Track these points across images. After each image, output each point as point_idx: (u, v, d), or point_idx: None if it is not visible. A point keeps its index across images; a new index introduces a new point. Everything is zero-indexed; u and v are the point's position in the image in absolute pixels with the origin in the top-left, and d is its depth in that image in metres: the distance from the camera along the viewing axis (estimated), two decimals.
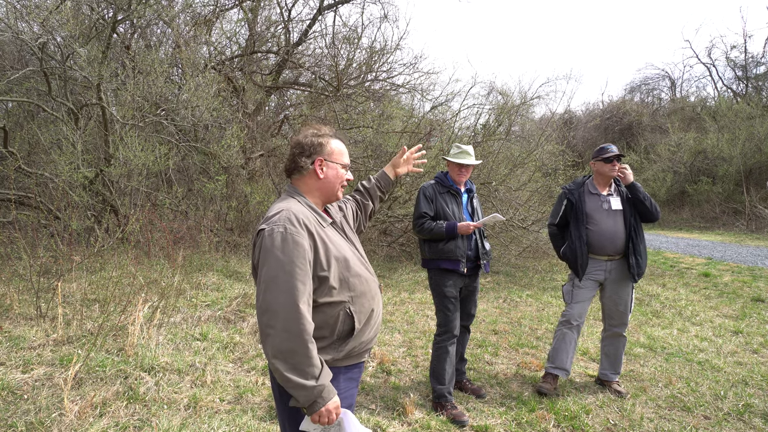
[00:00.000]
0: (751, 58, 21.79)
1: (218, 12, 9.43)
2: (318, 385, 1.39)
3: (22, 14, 5.78)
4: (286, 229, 1.46)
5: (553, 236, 3.68)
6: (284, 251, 1.44)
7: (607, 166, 3.47)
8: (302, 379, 1.38)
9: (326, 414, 1.41)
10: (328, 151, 1.67)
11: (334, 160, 1.68)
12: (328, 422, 1.43)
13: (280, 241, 1.45)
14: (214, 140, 7.73)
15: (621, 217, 3.47)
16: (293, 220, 1.49)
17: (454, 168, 3.30)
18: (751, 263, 8.90)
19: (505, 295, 6.46)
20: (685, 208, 18.66)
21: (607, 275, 3.49)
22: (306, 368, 1.39)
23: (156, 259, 5.79)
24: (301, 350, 1.39)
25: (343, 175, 1.71)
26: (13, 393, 2.86)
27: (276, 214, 1.52)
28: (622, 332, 3.54)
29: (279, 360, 1.39)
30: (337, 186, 1.69)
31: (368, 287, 1.64)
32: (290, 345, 1.39)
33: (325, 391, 1.41)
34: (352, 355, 1.60)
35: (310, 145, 1.65)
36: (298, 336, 1.39)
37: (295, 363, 1.39)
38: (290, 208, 1.54)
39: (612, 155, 3.43)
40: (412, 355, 4.12)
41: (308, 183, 1.68)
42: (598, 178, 3.58)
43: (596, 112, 26.87)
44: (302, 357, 1.39)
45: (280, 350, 1.39)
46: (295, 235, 1.46)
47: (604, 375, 3.58)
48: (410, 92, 10.77)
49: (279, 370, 1.39)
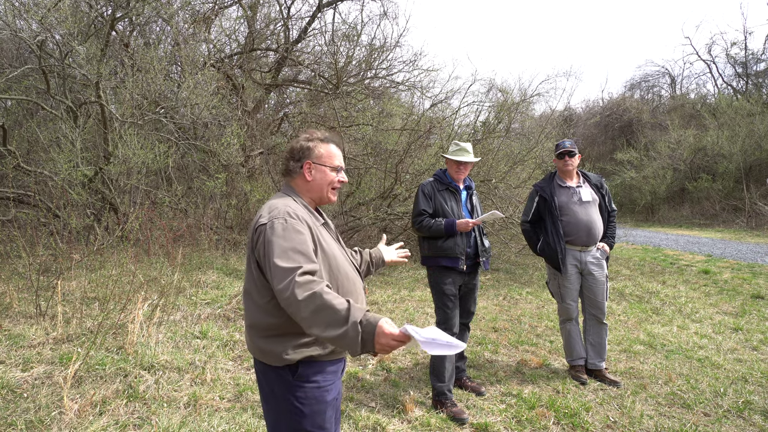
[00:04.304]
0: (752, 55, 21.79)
1: (217, 9, 9.40)
2: (350, 326, 1.32)
3: (21, 12, 5.75)
4: (286, 221, 1.53)
5: (527, 233, 3.82)
6: (286, 238, 1.48)
7: (560, 162, 3.70)
8: (336, 330, 1.33)
9: (385, 342, 1.31)
10: (316, 155, 1.73)
11: (323, 162, 1.74)
12: (393, 347, 1.32)
13: (282, 230, 1.50)
14: (213, 138, 7.71)
15: (594, 208, 3.64)
16: (291, 213, 1.56)
17: (452, 165, 3.29)
18: (750, 260, 8.90)
19: (505, 293, 6.46)
20: (685, 205, 18.66)
21: (583, 266, 3.63)
22: (335, 318, 1.34)
23: (156, 257, 5.79)
24: (321, 306, 1.35)
25: (334, 177, 1.76)
26: (13, 391, 2.86)
27: (274, 209, 1.58)
28: (603, 320, 3.68)
29: (314, 328, 1.36)
30: (326, 188, 1.75)
31: (355, 288, 1.69)
32: (311, 308, 1.36)
33: (363, 326, 1.32)
34: (336, 350, 1.64)
35: (299, 150, 1.74)
36: (312, 297, 1.36)
37: (326, 321, 1.35)
38: (286, 203, 1.61)
39: (562, 151, 3.64)
40: (411, 352, 4.12)
41: (299, 185, 1.75)
42: (560, 172, 3.77)
43: (596, 109, 26.86)
44: (326, 312, 1.35)
45: (307, 321, 1.37)
46: (296, 225, 1.53)
47: (592, 364, 3.67)
48: (410, 89, 10.76)
49: (322, 337, 1.36)
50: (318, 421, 1.59)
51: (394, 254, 2.18)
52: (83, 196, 6.00)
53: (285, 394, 1.59)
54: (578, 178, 3.76)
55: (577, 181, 3.73)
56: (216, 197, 7.99)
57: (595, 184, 3.76)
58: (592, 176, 3.81)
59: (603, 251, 3.68)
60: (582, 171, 3.83)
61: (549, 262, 3.69)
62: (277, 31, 10.05)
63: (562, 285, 3.67)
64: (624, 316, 5.44)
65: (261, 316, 1.59)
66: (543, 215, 3.68)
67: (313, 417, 1.58)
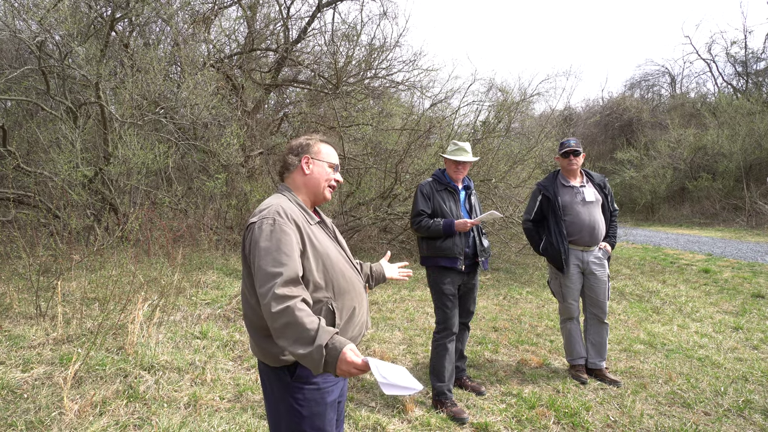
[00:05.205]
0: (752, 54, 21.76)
1: (217, 10, 9.40)
2: (315, 348, 1.36)
3: (20, 12, 5.76)
4: (274, 221, 1.54)
5: (529, 232, 3.80)
6: (272, 239, 1.50)
7: (564, 160, 3.65)
8: (302, 349, 1.38)
9: (346, 369, 1.37)
10: (314, 151, 1.78)
11: (321, 158, 1.78)
12: (353, 374, 1.38)
13: (269, 231, 1.52)
14: (213, 138, 7.72)
15: (597, 208, 3.61)
16: (281, 212, 1.57)
17: (451, 165, 3.29)
18: (751, 259, 8.90)
19: (505, 292, 6.46)
20: (685, 205, 18.65)
21: (585, 265, 3.61)
22: (302, 336, 1.38)
23: (156, 257, 5.79)
24: (292, 322, 1.39)
25: (330, 174, 1.79)
26: (13, 392, 2.86)
27: (266, 208, 1.60)
28: (604, 319, 3.67)
29: (282, 341, 1.41)
30: (323, 184, 1.77)
31: (352, 286, 1.68)
32: (282, 322, 1.40)
33: (328, 349, 1.37)
34: None
35: (299, 146, 1.79)
36: (285, 311, 1.40)
37: (293, 337, 1.39)
38: (279, 203, 1.62)
39: (567, 150, 3.59)
40: (412, 352, 4.13)
41: (296, 180, 1.77)
42: (564, 171, 3.72)
43: (596, 108, 26.85)
44: (295, 329, 1.39)
45: (276, 332, 1.42)
46: (283, 225, 1.54)
47: (592, 364, 3.67)
48: (410, 89, 10.76)
49: (288, 351, 1.41)
50: (317, 423, 1.58)
51: (396, 272, 2.16)
52: (83, 197, 6.00)
53: (284, 395, 1.58)
54: (582, 177, 3.73)
55: (580, 180, 3.70)
56: (216, 197, 7.99)
57: (599, 184, 3.73)
58: (596, 176, 3.78)
59: (605, 251, 3.67)
60: (585, 170, 3.79)
61: (551, 262, 3.67)
62: (277, 31, 10.05)
63: (563, 284, 3.66)
64: (624, 315, 5.44)
65: (257, 316, 1.59)
66: (546, 214, 3.65)
67: (312, 419, 1.58)
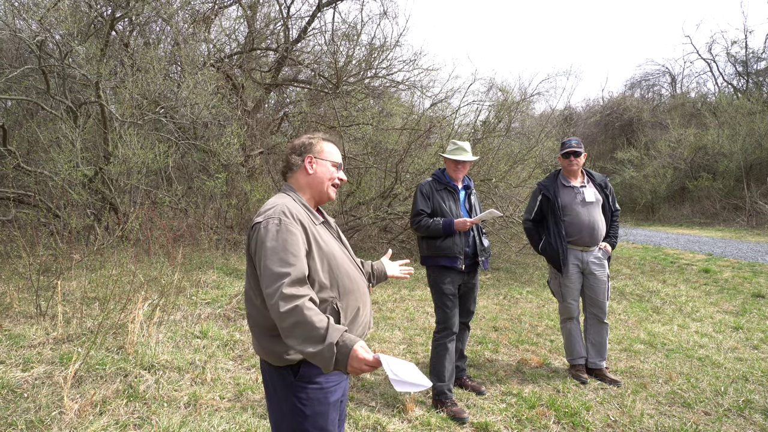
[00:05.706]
0: (752, 54, 21.75)
1: (217, 9, 9.40)
2: (326, 346, 1.37)
3: (20, 12, 5.75)
4: (280, 221, 1.53)
5: (529, 231, 3.80)
6: (278, 239, 1.49)
7: (565, 161, 3.65)
8: (313, 347, 1.38)
9: (357, 366, 1.38)
10: (317, 150, 1.77)
11: (324, 157, 1.77)
12: (364, 371, 1.39)
13: (275, 231, 1.51)
14: (213, 138, 7.72)
15: (597, 209, 3.61)
16: (287, 212, 1.56)
17: (450, 164, 3.29)
18: (751, 259, 8.89)
19: (506, 292, 6.46)
20: (686, 204, 18.65)
21: (584, 265, 3.61)
22: (312, 335, 1.39)
23: (156, 257, 5.79)
24: (301, 321, 1.39)
25: (334, 173, 1.78)
26: (13, 391, 2.86)
27: (271, 208, 1.59)
28: (604, 319, 3.68)
29: (291, 340, 1.41)
30: (326, 183, 1.76)
31: (356, 286, 1.68)
32: (291, 321, 1.40)
33: (338, 347, 1.38)
34: None
35: (301, 145, 1.78)
36: (294, 310, 1.40)
37: (303, 336, 1.39)
38: (285, 203, 1.61)
39: (568, 151, 3.59)
40: (412, 352, 4.13)
41: (299, 179, 1.76)
42: (564, 171, 3.72)
43: (596, 108, 26.84)
44: (305, 328, 1.39)
45: (285, 332, 1.41)
46: (289, 225, 1.53)
47: (592, 363, 3.67)
48: (410, 89, 10.76)
49: (298, 350, 1.41)
50: (320, 422, 1.58)
51: (397, 270, 2.17)
52: (83, 196, 6.00)
53: (287, 395, 1.58)
54: (583, 177, 3.72)
55: (581, 180, 3.69)
56: (216, 197, 7.99)
57: (600, 184, 3.72)
58: (597, 175, 3.76)
59: (605, 251, 3.66)
60: (587, 170, 3.78)
61: (550, 262, 3.68)
62: (277, 30, 10.05)
63: (563, 284, 3.66)
64: (624, 315, 5.44)
65: (261, 316, 1.58)
66: (546, 214, 3.65)
67: (314, 418, 1.57)
